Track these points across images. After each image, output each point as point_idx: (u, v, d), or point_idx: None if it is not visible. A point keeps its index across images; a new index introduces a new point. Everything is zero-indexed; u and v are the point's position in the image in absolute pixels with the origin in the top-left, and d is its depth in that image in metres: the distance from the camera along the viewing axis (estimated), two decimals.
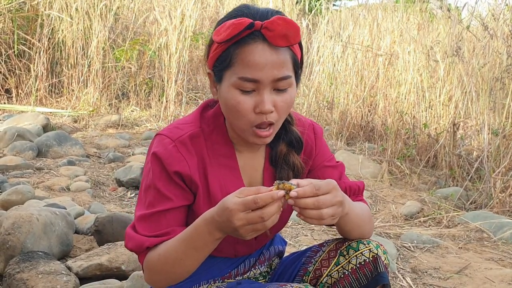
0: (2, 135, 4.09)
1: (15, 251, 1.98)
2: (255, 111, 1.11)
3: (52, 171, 3.48)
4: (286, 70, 1.11)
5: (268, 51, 1.08)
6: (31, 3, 6.17)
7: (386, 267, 1.24)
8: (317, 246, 1.35)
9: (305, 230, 2.75)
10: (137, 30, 6.47)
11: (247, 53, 1.08)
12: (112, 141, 4.52)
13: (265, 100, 1.09)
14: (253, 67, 1.08)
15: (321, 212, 1.03)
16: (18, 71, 5.87)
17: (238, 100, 1.10)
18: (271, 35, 1.07)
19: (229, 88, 1.11)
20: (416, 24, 5.02)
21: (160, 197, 1.17)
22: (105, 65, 5.91)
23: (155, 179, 1.17)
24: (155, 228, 1.16)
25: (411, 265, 2.38)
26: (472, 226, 2.88)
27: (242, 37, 1.08)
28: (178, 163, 1.16)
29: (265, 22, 1.08)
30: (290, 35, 1.08)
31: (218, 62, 1.13)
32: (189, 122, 1.22)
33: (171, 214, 1.17)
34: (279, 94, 1.12)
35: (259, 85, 1.09)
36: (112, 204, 2.99)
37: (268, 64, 1.08)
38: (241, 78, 1.09)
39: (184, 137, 1.18)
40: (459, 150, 3.87)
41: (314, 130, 1.34)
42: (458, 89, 4.17)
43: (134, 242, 1.16)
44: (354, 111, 4.96)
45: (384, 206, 3.29)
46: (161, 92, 5.86)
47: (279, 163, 1.26)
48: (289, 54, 1.11)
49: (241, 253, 1.32)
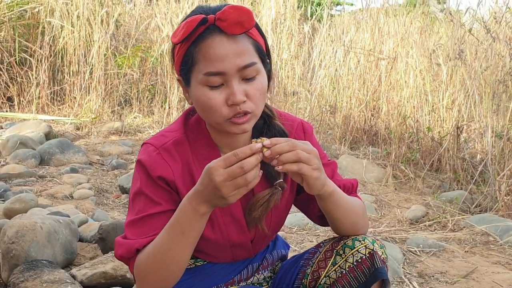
0: (4, 143, 4.08)
1: (19, 260, 1.96)
2: (227, 104, 1.10)
3: (55, 179, 3.47)
4: (249, 57, 1.11)
5: (227, 42, 1.09)
6: (32, 11, 6.19)
7: (384, 261, 1.22)
8: (315, 248, 1.34)
9: (310, 236, 2.74)
10: (138, 37, 6.47)
11: (207, 48, 1.09)
12: (115, 148, 4.51)
13: (235, 90, 1.09)
14: (215, 60, 1.08)
15: (297, 152, 1.03)
16: (20, 79, 5.88)
17: (208, 97, 1.11)
18: (225, 25, 1.08)
19: (197, 87, 1.12)
20: (418, 27, 5.01)
21: (149, 202, 1.16)
22: (107, 72, 5.91)
23: (142, 186, 1.17)
24: (144, 232, 1.15)
25: (417, 270, 2.36)
26: (478, 229, 2.86)
27: (199, 34, 1.09)
28: (162, 168, 1.17)
29: (217, 14, 1.09)
30: (244, 21, 1.08)
31: (183, 65, 1.14)
32: (174, 129, 1.23)
33: (160, 217, 1.15)
34: (249, 83, 1.11)
35: (226, 77, 1.09)
36: (115, 211, 2.98)
37: (229, 54, 1.08)
38: (206, 74, 1.09)
39: (168, 144, 1.19)
40: (463, 153, 3.86)
41: (304, 129, 1.32)
42: (461, 93, 4.16)
43: (123, 248, 1.15)
44: (357, 115, 4.95)
45: (389, 210, 3.28)
46: (164, 98, 5.86)
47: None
48: (249, 41, 1.12)
49: (239, 256, 1.30)
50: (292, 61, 5.98)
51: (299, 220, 2.89)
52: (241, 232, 1.26)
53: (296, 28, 6.19)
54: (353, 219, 1.24)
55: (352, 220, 1.24)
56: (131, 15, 6.99)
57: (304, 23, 6.24)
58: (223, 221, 1.23)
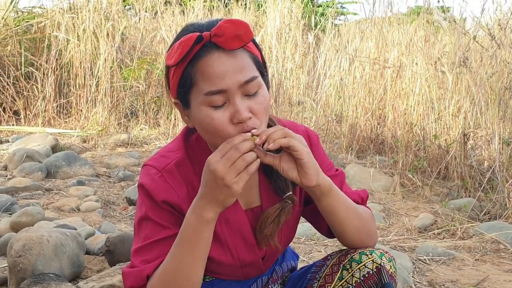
0: (11, 156, 4.10)
1: (26, 273, 1.96)
2: (233, 123, 1.05)
3: (61, 192, 3.47)
4: (250, 71, 1.06)
5: (225, 58, 1.04)
6: (38, 25, 6.24)
7: (392, 276, 1.19)
8: (322, 261, 1.31)
9: (319, 246, 2.72)
10: (144, 50, 6.51)
11: (205, 66, 1.04)
12: (121, 160, 4.52)
13: (239, 108, 1.04)
14: (215, 77, 1.03)
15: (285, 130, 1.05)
16: (26, 93, 5.91)
17: (212, 117, 1.05)
18: (222, 40, 1.03)
19: (199, 108, 1.06)
20: (422, 36, 5.01)
21: (156, 227, 1.13)
22: (113, 85, 5.94)
23: (147, 211, 1.13)
24: (153, 257, 1.11)
25: (427, 279, 2.33)
26: (488, 237, 2.83)
27: (196, 53, 1.05)
28: (165, 192, 1.13)
29: (212, 30, 1.04)
30: (241, 34, 1.03)
31: (180, 87, 1.09)
32: (174, 149, 1.19)
33: (168, 241, 1.12)
34: (252, 99, 1.06)
35: (228, 94, 1.04)
36: (123, 224, 2.97)
37: (229, 70, 1.04)
38: (207, 93, 1.04)
39: (170, 165, 1.15)
40: (470, 161, 3.83)
41: (309, 137, 1.27)
42: (467, 100, 4.14)
43: (132, 277, 1.11)
44: (363, 124, 4.93)
45: (397, 219, 3.25)
46: (170, 110, 5.88)
47: (273, 173, 1.20)
48: (247, 55, 1.07)
49: (251, 274, 1.28)
50: (297, 71, 5.99)
51: (307, 230, 2.87)
52: (251, 252, 1.23)
53: (300, 38, 6.21)
54: (357, 223, 1.20)
55: (356, 224, 1.20)
56: (136, 28, 7.04)
57: (308, 33, 6.25)
58: (232, 242, 1.20)
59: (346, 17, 7.02)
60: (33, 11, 6.77)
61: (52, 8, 6.42)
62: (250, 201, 1.23)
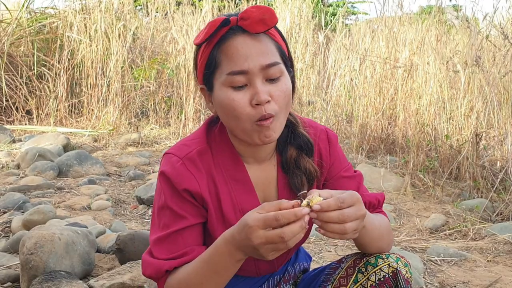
0: (23, 155, 4.13)
1: (37, 271, 1.97)
2: (251, 104, 1.07)
3: (73, 191, 3.49)
4: (273, 56, 1.09)
5: (249, 40, 1.08)
6: (50, 26, 6.30)
7: (408, 281, 1.18)
8: (336, 263, 1.30)
9: (328, 246, 2.71)
10: (155, 49, 6.54)
11: (229, 48, 1.08)
12: (132, 159, 4.54)
13: (259, 90, 1.06)
14: (238, 58, 1.07)
15: (345, 226, 0.98)
16: (39, 93, 5.96)
17: (232, 97, 1.07)
18: (247, 23, 1.07)
19: (220, 89, 1.09)
20: (434, 35, 4.98)
21: (174, 217, 1.13)
22: (124, 85, 5.97)
23: (167, 199, 1.14)
24: (172, 250, 1.12)
25: (438, 280, 2.31)
26: (500, 238, 2.80)
27: (222, 36, 1.08)
28: (188, 180, 1.13)
29: (239, 14, 1.09)
30: (266, 18, 1.07)
31: (206, 69, 1.12)
32: (196, 138, 1.19)
33: (187, 232, 1.13)
34: (273, 84, 1.09)
35: (249, 76, 1.07)
36: (133, 222, 2.98)
37: (253, 53, 1.07)
38: (229, 73, 1.07)
39: (192, 153, 1.15)
40: (482, 161, 3.79)
41: (328, 137, 1.28)
42: (479, 99, 4.10)
43: (152, 268, 1.12)
44: (374, 124, 4.91)
45: (408, 219, 3.23)
46: (180, 110, 5.90)
47: (291, 169, 1.21)
48: (271, 42, 1.10)
49: (263, 270, 1.28)
50: (307, 71, 5.98)
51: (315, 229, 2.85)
52: None
53: (310, 37, 6.19)
54: (379, 242, 1.21)
55: (379, 243, 1.21)
56: (147, 28, 7.06)
57: (318, 33, 6.24)
58: None
59: (357, 16, 6.99)
60: (45, 12, 6.83)
61: (65, 9, 6.47)
62: (267, 195, 1.23)
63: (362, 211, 1.01)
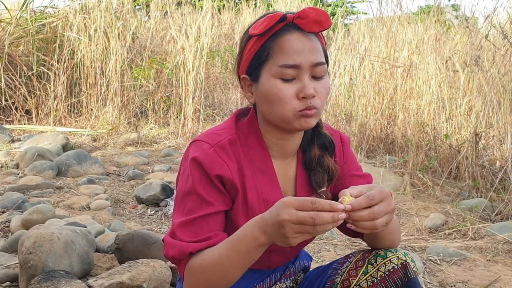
0: (22, 155, 4.13)
1: (36, 270, 1.97)
2: (298, 97, 1.13)
3: (72, 190, 3.49)
4: (321, 56, 1.16)
5: (304, 38, 1.14)
6: (50, 25, 6.29)
7: (416, 274, 1.22)
8: (343, 258, 1.33)
9: (328, 245, 2.71)
10: (154, 49, 6.54)
11: (285, 42, 1.13)
12: (131, 159, 4.53)
13: (307, 84, 1.13)
14: (292, 53, 1.13)
15: (375, 222, 1.01)
16: (38, 92, 5.96)
17: (280, 88, 1.13)
18: (304, 22, 1.13)
19: (269, 79, 1.14)
20: (433, 35, 4.98)
21: (201, 202, 1.14)
22: (123, 84, 5.97)
23: (195, 184, 1.15)
24: (197, 234, 1.13)
25: (438, 279, 2.31)
26: (500, 237, 2.80)
27: (278, 30, 1.14)
28: (220, 167, 1.15)
29: (296, 13, 1.15)
30: (322, 20, 1.13)
31: (255, 58, 1.16)
32: (226, 128, 1.23)
33: (212, 218, 1.14)
34: (318, 81, 1.15)
35: (299, 71, 1.13)
36: (132, 222, 2.98)
37: (306, 49, 1.13)
38: (282, 66, 1.13)
39: (224, 141, 1.18)
40: (482, 161, 3.79)
41: (342, 139, 1.35)
42: (479, 99, 4.10)
43: (176, 249, 1.13)
44: (373, 124, 4.91)
45: (408, 219, 3.23)
46: (179, 109, 5.89)
47: (313, 167, 1.26)
48: (320, 43, 1.17)
49: (274, 263, 1.30)
50: None
51: None
52: None
53: None
54: (392, 236, 1.25)
55: (392, 237, 1.25)
56: (146, 27, 7.06)
57: None
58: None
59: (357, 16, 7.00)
60: (45, 11, 6.83)
61: (64, 8, 6.47)
62: (285, 189, 1.26)
63: (392, 205, 1.04)
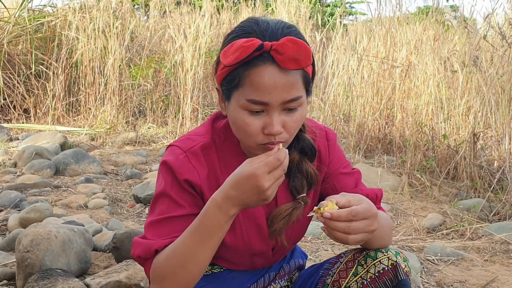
0: (20, 154, 4.12)
1: (33, 268, 1.96)
2: (263, 132, 1.09)
3: (70, 189, 3.48)
4: (296, 91, 1.07)
5: (278, 74, 1.05)
6: (48, 24, 6.28)
7: (407, 274, 1.20)
8: (335, 258, 1.32)
9: (325, 244, 2.71)
10: (152, 48, 6.53)
11: (256, 75, 1.05)
12: (129, 158, 4.53)
13: (274, 122, 1.07)
14: (262, 89, 1.05)
15: (348, 237, 1.01)
16: (36, 91, 5.95)
17: (246, 122, 1.08)
18: (281, 58, 1.04)
19: (237, 109, 1.09)
20: (431, 35, 4.98)
21: (172, 204, 1.14)
22: (121, 83, 5.96)
23: (166, 187, 1.15)
24: (164, 233, 1.12)
25: (435, 279, 2.31)
26: (497, 238, 2.80)
27: (251, 59, 1.05)
28: (188, 172, 1.15)
29: (274, 44, 1.04)
30: (300, 59, 1.04)
31: (226, 81, 1.10)
32: (201, 133, 1.22)
33: (183, 220, 1.13)
34: (289, 114, 1.09)
35: (268, 107, 1.07)
36: (130, 221, 2.97)
37: (278, 87, 1.05)
38: (249, 101, 1.06)
39: (196, 148, 1.18)
40: (480, 161, 3.79)
41: (327, 136, 1.30)
42: (477, 100, 4.10)
43: (141, 247, 1.13)
44: (371, 124, 4.91)
45: (405, 219, 3.23)
46: (177, 109, 5.89)
47: (292, 172, 1.23)
48: (299, 74, 1.08)
49: (259, 265, 1.29)
50: None
51: (314, 229, 2.86)
52: (263, 241, 1.24)
53: (308, 37, 6.19)
54: (383, 241, 1.23)
55: (382, 242, 1.23)
56: (145, 27, 7.05)
57: (316, 32, 6.24)
58: (246, 229, 1.22)
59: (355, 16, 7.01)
60: (44, 10, 6.81)
61: (63, 7, 6.46)
62: None
63: (373, 226, 1.03)
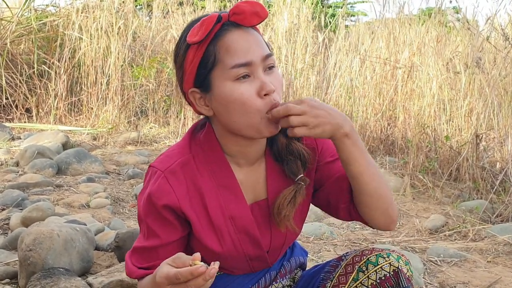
0: (22, 153, 4.12)
1: (36, 267, 1.96)
2: (260, 96, 1.08)
3: (72, 188, 3.48)
4: (266, 47, 1.12)
5: (246, 34, 1.10)
6: (51, 24, 6.28)
7: (409, 279, 1.18)
8: (336, 260, 1.30)
9: (328, 245, 2.70)
10: (155, 49, 6.53)
11: (229, 42, 1.08)
12: (131, 158, 4.53)
13: (265, 80, 1.09)
14: (240, 51, 1.08)
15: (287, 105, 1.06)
16: (39, 91, 5.95)
17: (240, 91, 1.08)
18: (242, 18, 1.09)
19: (224, 83, 1.09)
20: (434, 36, 4.98)
21: (149, 233, 1.17)
22: (124, 83, 5.96)
23: (145, 214, 1.18)
24: (141, 261, 1.19)
25: (438, 280, 2.31)
26: (500, 239, 2.80)
27: (216, 33, 1.09)
28: (167, 195, 1.14)
29: (230, 10, 1.09)
30: (259, 11, 1.09)
31: (202, 68, 1.10)
32: (179, 149, 1.20)
33: (160, 250, 1.17)
34: (270, 74, 1.11)
35: (252, 68, 1.08)
36: (132, 220, 2.97)
37: (252, 45, 1.09)
38: (234, 66, 1.07)
39: (174, 165, 1.16)
40: (482, 162, 3.79)
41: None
42: (480, 101, 4.10)
43: (127, 270, 1.20)
44: (374, 125, 4.91)
45: (408, 220, 3.23)
46: (179, 109, 5.89)
47: (283, 157, 1.21)
48: (259, 35, 1.14)
49: (257, 268, 1.28)
50: (307, 71, 5.97)
51: (316, 229, 2.85)
52: (256, 247, 1.23)
53: (310, 38, 6.19)
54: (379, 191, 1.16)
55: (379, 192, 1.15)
56: (147, 27, 7.05)
57: (318, 33, 6.23)
58: (237, 238, 1.21)
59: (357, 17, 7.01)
60: (46, 10, 6.82)
61: (66, 7, 6.46)
62: (256, 195, 1.23)
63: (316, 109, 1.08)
